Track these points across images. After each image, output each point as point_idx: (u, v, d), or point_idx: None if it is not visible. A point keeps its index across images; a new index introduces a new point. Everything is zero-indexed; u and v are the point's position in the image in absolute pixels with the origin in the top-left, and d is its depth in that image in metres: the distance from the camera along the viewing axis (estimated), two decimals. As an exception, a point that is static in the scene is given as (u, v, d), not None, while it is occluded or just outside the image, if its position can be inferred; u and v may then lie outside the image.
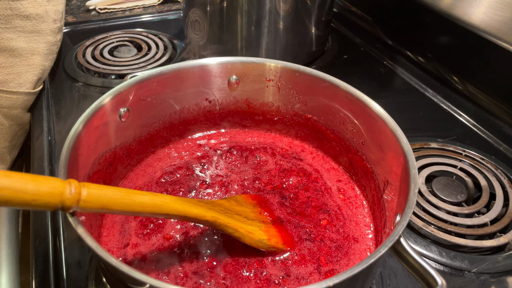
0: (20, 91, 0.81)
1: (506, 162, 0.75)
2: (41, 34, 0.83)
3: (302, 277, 0.50)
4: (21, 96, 0.81)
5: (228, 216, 0.50)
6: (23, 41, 0.80)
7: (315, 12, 0.95)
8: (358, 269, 0.37)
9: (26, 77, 0.82)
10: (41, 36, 0.83)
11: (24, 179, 0.35)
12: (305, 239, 0.55)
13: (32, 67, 0.83)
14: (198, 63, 0.63)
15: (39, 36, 0.83)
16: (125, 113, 0.58)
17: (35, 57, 0.83)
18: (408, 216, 0.42)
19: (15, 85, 0.81)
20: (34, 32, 0.82)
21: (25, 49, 0.81)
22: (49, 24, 0.84)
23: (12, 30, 0.78)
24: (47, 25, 0.84)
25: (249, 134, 0.72)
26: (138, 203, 0.42)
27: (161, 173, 0.64)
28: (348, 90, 0.58)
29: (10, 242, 0.76)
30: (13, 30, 0.78)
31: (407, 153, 0.49)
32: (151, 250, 0.52)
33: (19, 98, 0.81)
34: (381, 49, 1.09)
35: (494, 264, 0.58)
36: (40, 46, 0.83)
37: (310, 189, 0.62)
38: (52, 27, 0.85)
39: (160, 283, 0.35)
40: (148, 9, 1.28)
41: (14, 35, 0.78)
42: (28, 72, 0.82)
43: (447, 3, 0.89)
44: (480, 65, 0.89)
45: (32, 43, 0.82)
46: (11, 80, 0.80)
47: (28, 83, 0.82)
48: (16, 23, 0.78)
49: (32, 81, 0.83)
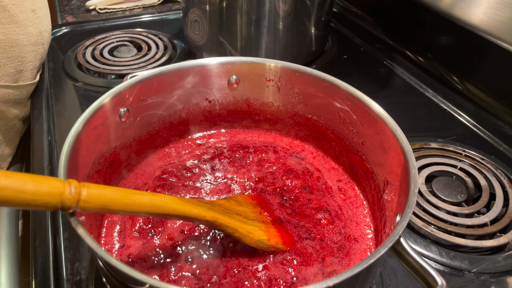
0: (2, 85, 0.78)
1: (506, 162, 0.75)
2: (19, 25, 0.79)
3: (304, 277, 0.50)
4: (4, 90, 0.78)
5: (228, 216, 0.50)
6: (0, 33, 0.77)
7: (315, 12, 0.95)
8: (358, 269, 0.37)
9: (4, 70, 0.79)
10: (20, 28, 0.80)
11: (24, 179, 0.35)
12: (305, 238, 0.55)
13: (10, 60, 0.79)
14: (198, 63, 0.63)
15: (18, 28, 0.79)
16: (125, 113, 0.58)
17: (13, 49, 0.79)
18: (408, 216, 0.42)
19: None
20: (12, 23, 0.78)
21: (3, 40, 0.77)
22: (27, 14, 0.81)
23: None
24: (25, 15, 0.80)
25: (249, 134, 0.72)
26: (138, 203, 0.42)
27: (161, 173, 0.64)
28: (348, 90, 0.58)
29: (10, 242, 0.76)
30: None
31: (407, 153, 0.49)
32: (151, 250, 0.52)
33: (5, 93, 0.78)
34: (381, 49, 1.09)
35: (494, 264, 0.58)
36: (20, 37, 0.80)
37: (312, 188, 0.62)
38: (31, 17, 0.82)
39: (160, 283, 0.36)
40: (148, 9, 1.28)
41: None
42: (7, 65, 0.79)
43: (447, 3, 0.89)
44: (480, 65, 0.89)
45: (10, 34, 0.78)
46: None
47: (7, 76, 0.79)
48: None
49: (11, 74, 0.80)
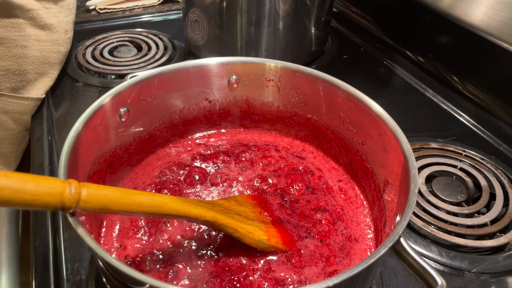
0: (31, 97, 0.82)
1: (506, 162, 0.75)
2: (53, 44, 0.85)
3: (306, 277, 0.50)
4: (31, 102, 0.83)
5: (228, 216, 0.50)
6: (36, 49, 0.81)
7: (315, 12, 0.95)
8: (358, 269, 0.37)
9: (36, 85, 0.84)
10: (53, 46, 0.85)
11: (24, 179, 0.35)
12: (305, 237, 0.55)
13: (42, 75, 0.84)
14: (198, 63, 0.63)
15: (52, 46, 0.84)
16: (125, 113, 0.58)
17: (45, 66, 0.84)
18: (408, 216, 0.42)
19: (26, 92, 0.82)
20: (48, 42, 0.83)
21: (38, 57, 0.82)
22: (61, 34, 0.86)
23: (27, 39, 0.79)
24: (59, 35, 0.85)
25: (249, 134, 0.72)
26: (137, 203, 0.42)
27: (161, 173, 0.63)
28: (348, 90, 0.58)
29: (10, 242, 0.76)
30: (27, 38, 0.80)
31: (407, 153, 0.49)
32: (151, 250, 0.52)
33: (30, 104, 0.83)
34: (381, 49, 1.09)
35: (494, 264, 0.58)
36: (52, 55, 0.85)
37: (313, 188, 0.62)
38: (63, 37, 0.87)
39: (160, 283, 0.35)
40: (148, 9, 1.28)
41: (29, 43, 0.80)
42: (38, 80, 0.84)
43: (447, 3, 0.89)
44: (480, 65, 0.89)
45: (45, 52, 0.83)
46: (22, 87, 0.82)
47: (37, 90, 0.84)
48: (30, 32, 0.80)
49: (41, 88, 0.84)
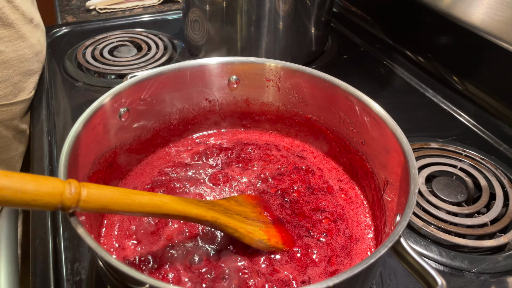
0: (18, 101, 0.81)
1: (506, 162, 0.75)
2: (24, 38, 0.81)
3: (308, 277, 0.50)
4: (19, 106, 0.81)
5: (228, 216, 0.50)
6: (11, 51, 0.78)
7: (315, 12, 0.95)
8: (358, 269, 0.37)
9: (21, 86, 0.82)
10: (25, 42, 0.81)
11: (24, 179, 0.35)
12: (305, 236, 0.55)
13: (23, 75, 0.82)
14: (198, 63, 0.63)
15: (24, 42, 0.81)
16: (125, 113, 0.58)
17: (24, 64, 0.82)
18: (408, 216, 0.42)
19: (13, 96, 0.80)
20: (19, 39, 0.80)
21: (15, 59, 0.79)
22: (28, 25, 0.83)
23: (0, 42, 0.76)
24: (26, 27, 0.82)
25: (249, 134, 0.72)
26: (138, 203, 0.42)
27: (161, 173, 0.64)
28: (348, 90, 0.58)
29: (10, 242, 0.76)
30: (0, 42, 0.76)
31: (407, 153, 0.49)
32: (151, 250, 0.52)
33: (17, 108, 0.82)
34: (381, 49, 1.09)
35: (494, 264, 0.58)
36: (26, 51, 0.82)
37: (314, 188, 0.62)
38: (31, 28, 0.84)
39: (160, 283, 0.35)
40: (148, 9, 1.28)
41: (2, 47, 0.77)
42: (21, 81, 0.82)
43: (447, 3, 0.89)
44: (480, 65, 0.89)
45: (19, 51, 0.80)
46: (10, 92, 0.80)
47: (23, 91, 0.82)
48: (2, 34, 0.77)
49: (26, 88, 0.83)
